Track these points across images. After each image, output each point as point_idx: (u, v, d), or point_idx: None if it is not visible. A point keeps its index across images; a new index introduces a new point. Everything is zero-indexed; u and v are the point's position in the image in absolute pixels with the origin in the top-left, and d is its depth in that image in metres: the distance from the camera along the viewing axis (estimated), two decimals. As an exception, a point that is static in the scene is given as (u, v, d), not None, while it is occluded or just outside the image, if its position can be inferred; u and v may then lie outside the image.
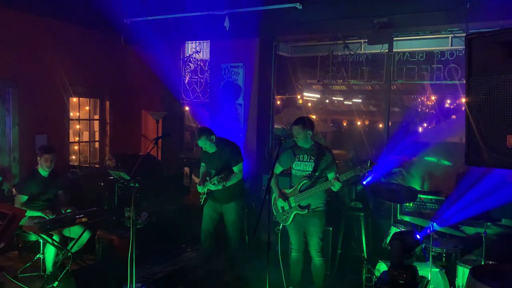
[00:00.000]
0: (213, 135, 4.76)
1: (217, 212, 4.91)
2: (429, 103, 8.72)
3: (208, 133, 4.73)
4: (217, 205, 4.88)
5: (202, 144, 4.74)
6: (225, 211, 4.87)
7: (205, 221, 4.96)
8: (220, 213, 4.92)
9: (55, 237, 4.66)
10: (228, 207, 4.85)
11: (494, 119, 2.48)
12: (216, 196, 4.82)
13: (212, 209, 4.91)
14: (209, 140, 4.71)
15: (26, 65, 6.27)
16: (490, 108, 2.50)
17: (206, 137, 4.70)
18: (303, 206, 4.26)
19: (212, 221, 4.93)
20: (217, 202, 4.86)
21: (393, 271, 3.55)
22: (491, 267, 3.04)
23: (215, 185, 4.67)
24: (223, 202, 4.84)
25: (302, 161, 4.30)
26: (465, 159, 2.68)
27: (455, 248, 4.36)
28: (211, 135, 4.73)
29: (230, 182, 4.74)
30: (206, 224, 4.95)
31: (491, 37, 2.55)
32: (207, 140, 4.70)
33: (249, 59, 6.77)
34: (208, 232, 4.96)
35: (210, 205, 4.90)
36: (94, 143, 7.87)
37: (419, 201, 5.24)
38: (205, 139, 4.70)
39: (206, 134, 4.71)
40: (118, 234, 5.30)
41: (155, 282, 4.86)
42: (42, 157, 4.95)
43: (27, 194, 4.88)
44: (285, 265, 4.43)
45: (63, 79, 6.68)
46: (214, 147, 4.78)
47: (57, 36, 6.68)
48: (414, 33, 5.98)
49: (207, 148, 4.78)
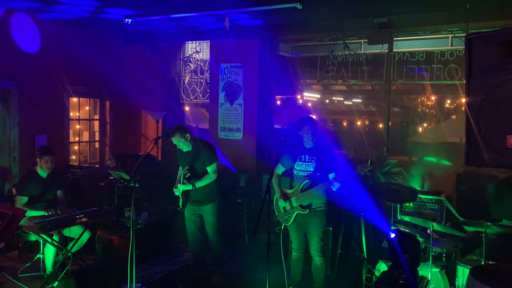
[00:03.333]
0: (188, 133, 4.70)
1: (196, 214, 4.90)
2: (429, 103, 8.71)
3: (183, 131, 4.66)
4: (195, 208, 4.86)
5: (176, 142, 4.67)
6: (203, 213, 4.86)
7: (188, 224, 4.97)
8: (199, 215, 4.90)
9: (55, 237, 4.66)
10: (206, 209, 4.82)
11: (494, 119, 2.48)
12: (193, 198, 4.80)
13: (191, 212, 4.90)
14: (183, 138, 4.65)
15: (26, 65, 6.27)
16: (490, 108, 2.50)
17: (180, 134, 4.63)
18: (305, 206, 4.26)
19: (194, 224, 4.93)
20: (195, 205, 4.84)
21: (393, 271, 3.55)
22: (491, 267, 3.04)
23: (185, 184, 4.64)
24: (200, 204, 4.82)
25: (304, 161, 4.31)
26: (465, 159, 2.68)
27: (455, 248, 4.36)
28: (185, 133, 4.67)
29: (202, 183, 4.68)
30: (190, 227, 4.96)
31: (491, 37, 2.55)
32: (180, 138, 4.63)
33: (249, 59, 6.77)
34: (193, 235, 4.96)
35: (189, 208, 4.89)
36: (94, 143, 7.87)
37: (419, 201, 5.24)
38: (179, 137, 4.62)
39: (180, 132, 4.64)
40: (118, 234, 5.29)
41: (155, 282, 4.86)
42: (42, 159, 4.94)
43: (27, 195, 4.88)
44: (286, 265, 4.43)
45: (63, 79, 6.68)
46: (188, 146, 4.73)
47: (57, 36, 6.68)
48: (414, 33, 5.98)
49: (181, 147, 4.72)
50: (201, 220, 4.93)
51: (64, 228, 4.64)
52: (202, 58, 7.81)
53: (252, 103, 6.78)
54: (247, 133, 6.81)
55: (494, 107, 2.48)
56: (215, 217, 4.84)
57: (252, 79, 6.78)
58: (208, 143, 4.91)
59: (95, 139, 7.84)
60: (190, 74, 7.92)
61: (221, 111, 7.04)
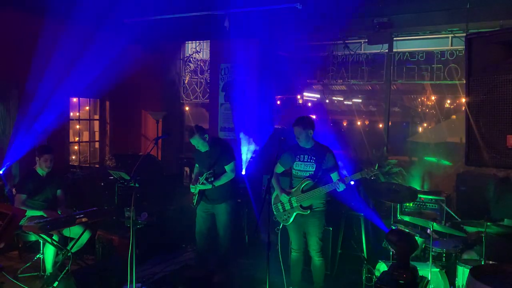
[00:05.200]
0: (206, 134, 4.77)
1: (208, 213, 4.91)
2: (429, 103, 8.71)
3: (201, 132, 4.74)
4: (209, 206, 4.88)
5: (195, 142, 4.75)
6: (217, 212, 4.87)
7: (198, 223, 4.98)
8: (212, 214, 4.91)
9: (55, 237, 4.66)
10: (220, 208, 4.84)
11: (494, 119, 2.48)
12: (208, 197, 4.83)
13: (203, 210, 4.91)
14: (202, 139, 4.72)
15: (26, 65, 6.27)
16: (490, 108, 2.50)
17: (199, 135, 4.70)
18: (305, 206, 4.25)
19: (204, 222, 4.94)
20: (209, 203, 4.86)
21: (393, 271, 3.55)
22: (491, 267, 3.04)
23: (204, 184, 4.69)
24: (215, 202, 4.84)
25: (303, 161, 4.30)
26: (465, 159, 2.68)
27: (455, 248, 4.36)
28: (204, 134, 4.74)
29: (220, 182, 4.74)
30: (200, 226, 4.97)
31: (491, 37, 2.55)
32: (200, 138, 4.71)
33: (249, 59, 6.77)
34: (202, 234, 4.97)
35: (202, 206, 4.90)
36: (94, 143, 7.87)
37: (419, 201, 5.24)
38: (198, 137, 4.70)
39: (199, 133, 4.72)
40: (118, 234, 5.30)
41: (155, 282, 4.86)
42: (42, 157, 4.94)
43: (25, 192, 4.88)
44: (286, 265, 4.43)
45: (63, 79, 6.67)
46: (206, 146, 4.79)
47: (57, 36, 6.67)
48: (414, 33, 5.98)
49: (200, 147, 4.79)
50: (212, 218, 4.93)
51: (64, 228, 4.63)
52: (202, 58, 7.81)
53: (252, 103, 6.77)
54: (246, 134, 6.81)
55: (494, 107, 2.48)
56: (228, 216, 4.85)
57: (252, 79, 6.78)
58: (226, 142, 5.00)
59: (95, 139, 7.84)
60: (190, 74, 7.92)
61: (221, 111, 7.04)
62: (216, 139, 4.98)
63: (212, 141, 4.85)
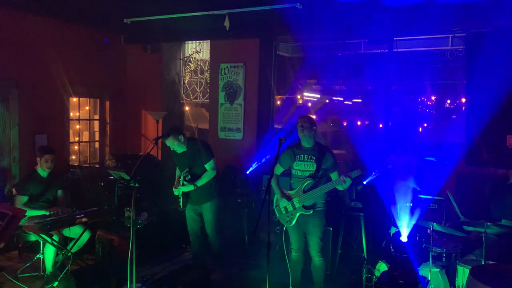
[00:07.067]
0: (181, 135, 4.72)
1: (197, 213, 4.94)
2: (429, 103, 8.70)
3: (175, 133, 4.69)
4: (196, 207, 4.90)
5: (170, 144, 4.71)
6: (203, 211, 4.89)
7: (189, 224, 5.01)
8: (200, 214, 4.94)
9: (55, 237, 4.66)
10: (205, 207, 4.86)
11: (494, 119, 2.48)
12: (193, 198, 4.84)
13: (192, 211, 4.94)
14: (177, 140, 4.67)
15: (26, 65, 6.27)
16: (490, 108, 2.51)
17: (173, 136, 4.65)
18: (308, 206, 4.25)
19: (195, 222, 4.97)
20: (195, 204, 4.88)
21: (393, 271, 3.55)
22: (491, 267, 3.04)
23: (186, 185, 4.69)
24: (201, 202, 4.85)
25: (303, 161, 4.30)
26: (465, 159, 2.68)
27: (455, 248, 4.36)
28: (178, 135, 4.69)
29: (202, 181, 4.73)
30: (191, 227, 5.01)
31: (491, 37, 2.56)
32: (174, 139, 4.66)
33: (249, 59, 6.77)
34: (194, 234, 5.01)
35: (190, 207, 4.93)
36: (94, 143, 7.86)
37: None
38: (172, 138, 4.65)
39: (173, 134, 4.66)
40: (118, 234, 5.29)
41: (155, 282, 4.86)
42: (43, 158, 4.94)
43: (27, 194, 4.88)
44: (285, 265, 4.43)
45: (63, 79, 6.67)
46: (183, 147, 4.75)
47: (57, 36, 6.68)
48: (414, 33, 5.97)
49: (176, 148, 4.75)
50: (202, 218, 4.95)
51: (64, 228, 4.64)
52: (202, 58, 7.81)
53: (252, 103, 6.78)
54: (247, 133, 6.82)
55: (494, 107, 2.48)
56: (213, 215, 4.87)
57: (252, 79, 6.78)
58: (203, 141, 4.96)
59: (95, 139, 7.84)
60: (190, 74, 7.92)
61: (221, 111, 7.04)
62: (192, 138, 4.92)
63: (188, 141, 4.81)
